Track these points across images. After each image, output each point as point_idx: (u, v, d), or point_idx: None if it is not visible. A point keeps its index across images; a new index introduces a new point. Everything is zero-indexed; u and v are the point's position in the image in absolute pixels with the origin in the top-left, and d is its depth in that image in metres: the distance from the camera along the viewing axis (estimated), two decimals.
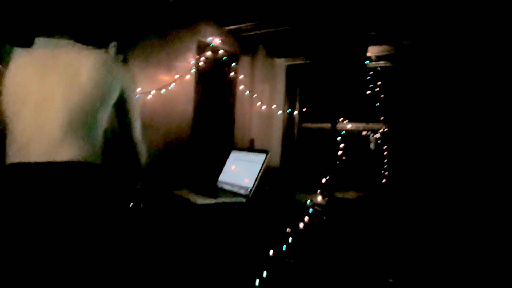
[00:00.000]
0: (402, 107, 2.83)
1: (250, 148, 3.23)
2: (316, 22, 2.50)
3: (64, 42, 1.25)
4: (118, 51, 1.57)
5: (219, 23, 3.01)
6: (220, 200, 1.74)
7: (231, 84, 3.25)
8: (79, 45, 1.27)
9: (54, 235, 1.08)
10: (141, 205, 1.62)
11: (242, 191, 1.84)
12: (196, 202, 1.65)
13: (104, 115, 1.24)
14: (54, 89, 1.17)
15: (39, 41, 1.25)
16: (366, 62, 2.52)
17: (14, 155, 1.14)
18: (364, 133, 3.13)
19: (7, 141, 1.18)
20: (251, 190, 1.80)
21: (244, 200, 1.77)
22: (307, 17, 2.66)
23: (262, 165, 1.84)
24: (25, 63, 1.21)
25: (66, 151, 1.13)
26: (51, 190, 1.09)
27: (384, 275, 2.02)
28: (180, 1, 2.58)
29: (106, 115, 1.26)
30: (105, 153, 1.30)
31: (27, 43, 1.26)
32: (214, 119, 3.13)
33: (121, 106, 1.32)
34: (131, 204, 1.60)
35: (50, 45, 1.24)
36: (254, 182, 1.80)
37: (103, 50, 1.31)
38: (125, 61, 1.59)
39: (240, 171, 1.98)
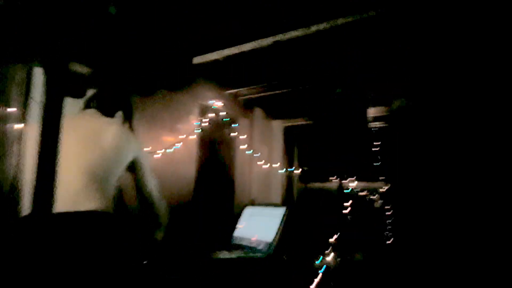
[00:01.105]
0: (399, 165, 2.90)
1: (266, 203, 3.15)
2: (316, 85, 2.64)
3: (89, 110, 1.48)
4: (124, 119, 1.67)
5: (220, 87, 3.13)
6: (241, 254, 1.64)
7: (232, 144, 3.28)
8: (94, 113, 1.48)
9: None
10: (145, 261, 1.51)
11: (261, 247, 1.75)
12: (215, 257, 1.55)
13: (116, 174, 1.39)
14: (75, 147, 1.31)
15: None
16: (367, 122, 2.63)
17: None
18: (365, 192, 3.15)
19: None
20: (271, 245, 1.70)
21: (263, 255, 1.67)
22: (306, 81, 2.81)
23: (282, 219, 1.77)
24: None
25: (86, 202, 1.23)
26: (76, 237, 1.14)
27: None
28: (183, 68, 2.70)
29: (118, 175, 1.40)
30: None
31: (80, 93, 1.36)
32: (216, 179, 3.09)
33: (135, 170, 1.49)
34: (145, 261, 1.51)
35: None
36: (275, 237, 1.72)
37: (119, 120, 1.55)
38: (131, 128, 1.69)
39: (258, 226, 1.90)
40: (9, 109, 1.65)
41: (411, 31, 2.11)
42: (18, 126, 1.66)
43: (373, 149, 3.14)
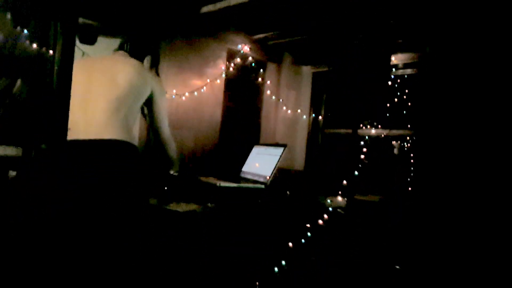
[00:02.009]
0: (427, 114, 2.85)
1: (271, 143, 3.37)
2: (339, 30, 2.61)
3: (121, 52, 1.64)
4: (152, 65, 1.83)
5: (247, 32, 3.18)
6: (241, 184, 1.93)
7: (259, 90, 3.41)
8: (122, 54, 1.63)
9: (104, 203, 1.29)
10: (168, 188, 1.81)
11: (261, 180, 2.01)
12: (220, 185, 1.83)
13: (136, 108, 1.53)
14: (97, 86, 1.46)
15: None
16: (390, 70, 2.59)
17: None
18: (390, 140, 3.17)
19: None
20: (269, 178, 1.96)
21: (263, 187, 1.94)
22: (330, 26, 2.77)
23: (280, 156, 2.00)
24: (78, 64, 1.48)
25: (110, 133, 1.38)
26: (100, 163, 1.32)
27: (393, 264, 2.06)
28: (211, 12, 2.78)
29: (138, 109, 1.55)
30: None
31: (91, 41, 1.56)
32: (241, 122, 3.29)
33: (151, 107, 1.62)
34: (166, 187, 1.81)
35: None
36: (272, 172, 1.97)
37: (140, 61, 1.66)
38: (157, 73, 1.86)
39: (261, 163, 2.15)
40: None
41: None
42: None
43: (400, 96, 3.10)
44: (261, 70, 3.32)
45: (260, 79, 3.32)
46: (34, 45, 0.84)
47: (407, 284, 2.11)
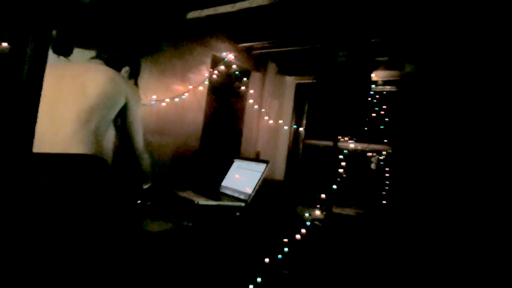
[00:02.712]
0: (405, 130, 2.92)
1: (252, 158, 3.35)
2: (324, 44, 2.65)
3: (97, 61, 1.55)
4: (131, 76, 1.75)
5: (233, 39, 3.18)
6: (221, 202, 1.86)
7: (241, 98, 3.40)
8: (97, 62, 1.55)
9: (63, 222, 1.20)
10: (149, 202, 1.74)
11: (242, 197, 1.96)
12: (198, 203, 1.77)
13: (109, 119, 1.45)
14: (67, 94, 1.38)
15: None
16: (371, 86, 2.64)
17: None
18: (368, 154, 3.23)
19: None
20: (250, 196, 1.91)
21: (243, 204, 1.88)
22: (315, 39, 2.80)
23: (262, 174, 1.96)
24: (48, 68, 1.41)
25: (77, 145, 1.31)
26: (64, 179, 1.23)
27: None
28: (197, 19, 2.76)
29: (110, 119, 1.46)
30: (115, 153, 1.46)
31: (67, 52, 1.47)
32: (223, 129, 3.26)
33: (125, 116, 1.54)
34: (139, 201, 1.73)
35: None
36: (254, 189, 1.92)
37: (113, 69, 1.55)
38: (135, 84, 1.77)
39: (242, 178, 2.10)
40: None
41: None
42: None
43: (380, 112, 3.17)
44: (245, 79, 3.32)
45: (243, 87, 3.31)
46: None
47: None
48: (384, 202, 2.97)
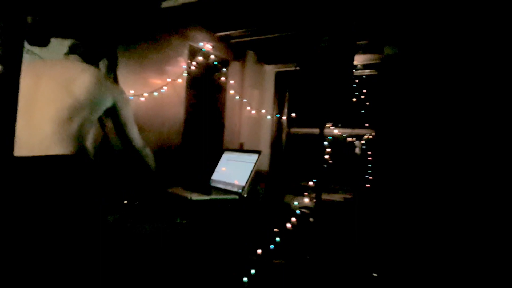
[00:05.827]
0: (387, 113, 2.95)
1: (242, 149, 3.29)
2: (304, 31, 2.60)
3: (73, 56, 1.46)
4: (109, 69, 1.67)
5: (210, 29, 3.08)
6: (215, 196, 1.80)
7: (222, 89, 3.32)
8: (75, 59, 1.48)
9: (47, 226, 1.15)
10: (137, 202, 1.67)
11: (235, 189, 1.91)
12: (192, 198, 1.71)
13: (94, 119, 1.40)
14: (46, 93, 1.31)
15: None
16: (352, 71, 2.63)
17: None
18: (349, 139, 3.24)
19: None
20: (244, 188, 1.86)
21: (237, 197, 1.83)
22: (295, 25, 2.75)
23: (255, 164, 1.91)
24: (25, 66, 1.30)
25: (56, 145, 1.24)
26: (43, 182, 1.18)
27: (369, 271, 2.09)
28: (172, 8, 2.64)
29: (95, 119, 1.41)
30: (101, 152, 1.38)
31: (43, 43, 1.37)
32: (205, 122, 3.18)
33: (116, 118, 1.50)
34: (126, 201, 1.66)
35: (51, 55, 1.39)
36: (247, 181, 1.87)
37: (96, 67, 1.52)
38: (115, 79, 1.70)
39: (233, 171, 2.04)
40: None
41: None
42: None
43: (361, 96, 3.18)
44: (224, 69, 3.24)
45: (223, 78, 3.23)
46: None
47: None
48: (367, 185, 3.01)
